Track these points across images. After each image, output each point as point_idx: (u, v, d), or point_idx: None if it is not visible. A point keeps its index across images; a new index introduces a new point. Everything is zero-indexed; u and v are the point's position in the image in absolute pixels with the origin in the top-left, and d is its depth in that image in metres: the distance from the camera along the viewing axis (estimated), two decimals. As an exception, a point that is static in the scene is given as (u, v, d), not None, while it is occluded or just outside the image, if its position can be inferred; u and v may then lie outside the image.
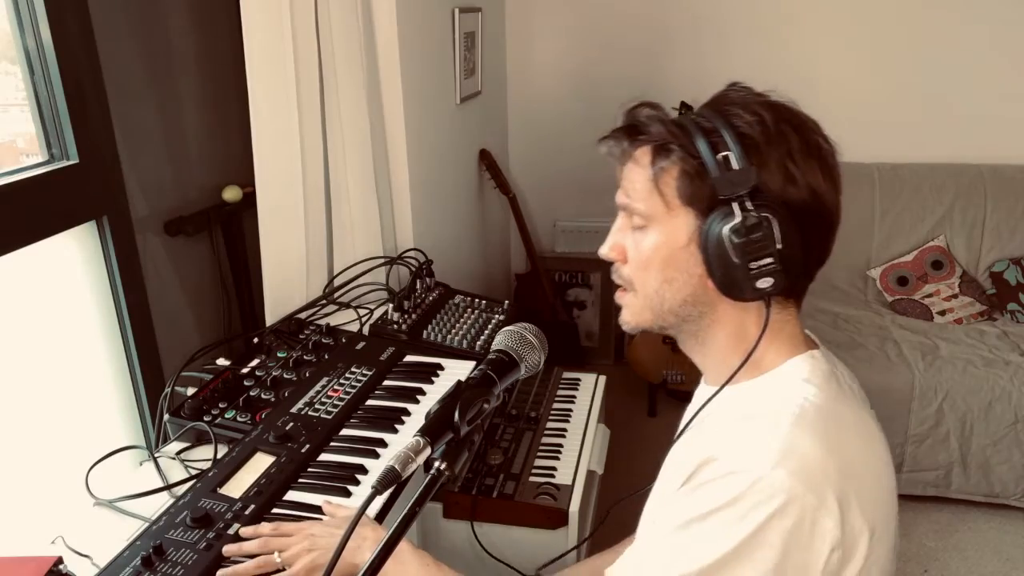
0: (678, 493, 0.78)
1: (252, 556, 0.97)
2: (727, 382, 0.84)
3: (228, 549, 0.97)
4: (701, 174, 0.77)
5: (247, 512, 1.04)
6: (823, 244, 0.81)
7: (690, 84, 3.18)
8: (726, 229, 0.75)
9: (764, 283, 0.76)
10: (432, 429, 0.77)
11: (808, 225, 0.78)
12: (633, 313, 0.88)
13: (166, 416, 1.31)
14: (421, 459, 0.75)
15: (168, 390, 1.38)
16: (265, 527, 1.00)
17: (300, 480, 1.14)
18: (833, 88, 3.00)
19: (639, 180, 0.83)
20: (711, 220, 0.77)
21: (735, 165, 0.75)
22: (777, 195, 0.76)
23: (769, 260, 0.75)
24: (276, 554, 0.96)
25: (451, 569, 0.97)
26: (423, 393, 1.39)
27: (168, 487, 1.17)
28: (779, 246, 0.75)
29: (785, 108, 0.80)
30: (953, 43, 2.91)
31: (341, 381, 1.39)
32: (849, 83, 3.00)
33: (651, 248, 0.83)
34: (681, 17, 3.08)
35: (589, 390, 1.78)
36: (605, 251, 0.89)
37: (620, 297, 0.90)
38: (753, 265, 0.76)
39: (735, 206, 0.75)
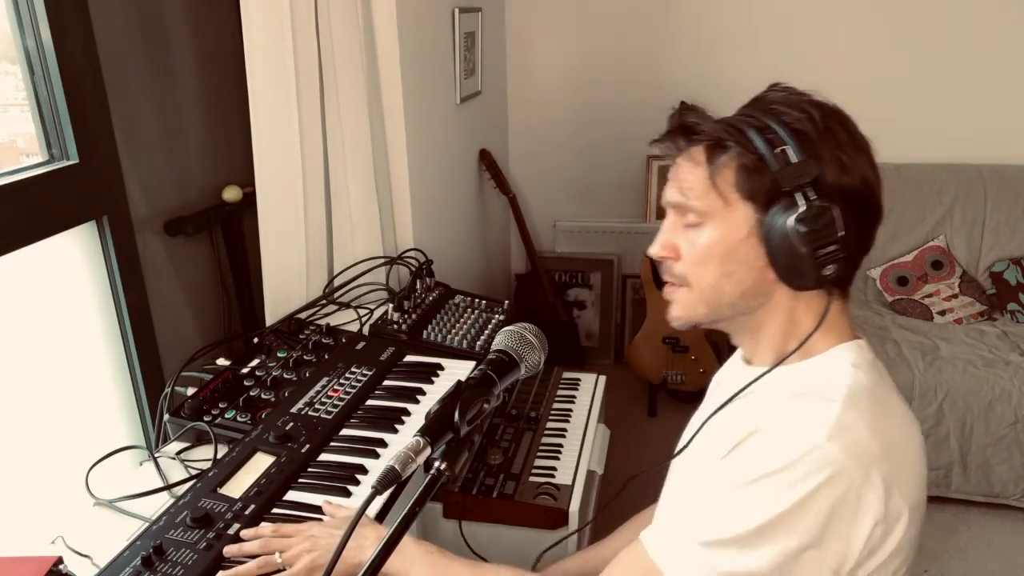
0: (725, 459, 0.80)
1: (253, 557, 0.97)
2: (779, 363, 0.86)
3: (229, 550, 0.97)
4: (761, 168, 0.80)
5: (247, 512, 1.04)
6: (871, 234, 0.85)
7: (690, 84, 3.20)
8: (791, 220, 0.78)
9: (828, 270, 0.79)
10: (432, 429, 0.77)
11: (861, 214, 0.81)
12: (685, 307, 0.89)
13: (166, 416, 1.31)
14: (421, 459, 0.75)
15: (168, 390, 1.38)
16: (266, 528, 1.00)
17: (300, 480, 1.14)
18: (833, 88, 2.97)
19: (695, 178, 0.84)
20: (773, 212, 0.80)
21: (793, 158, 0.78)
22: (834, 185, 0.79)
23: (834, 247, 0.78)
24: (277, 555, 0.96)
25: (456, 556, 0.98)
26: (423, 393, 1.39)
27: (168, 487, 1.17)
28: (841, 233, 0.78)
29: (828, 106, 0.84)
30: (953, 43, 2.91)
31: (341, 381, 1.39)
32: (849, 83, 2.99)
33: (709, 244, 0.84)
34: (681, 17, 3.08)
35: (589, 390, 1.79)
36: (656, 250, 0.90)
37: (671, 293, 0.91)
38: (819, 253, 0.78)
39: (799, 197, 0.78)
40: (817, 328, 0.84)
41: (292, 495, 1.11)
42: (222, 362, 1.46)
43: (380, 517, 1.09)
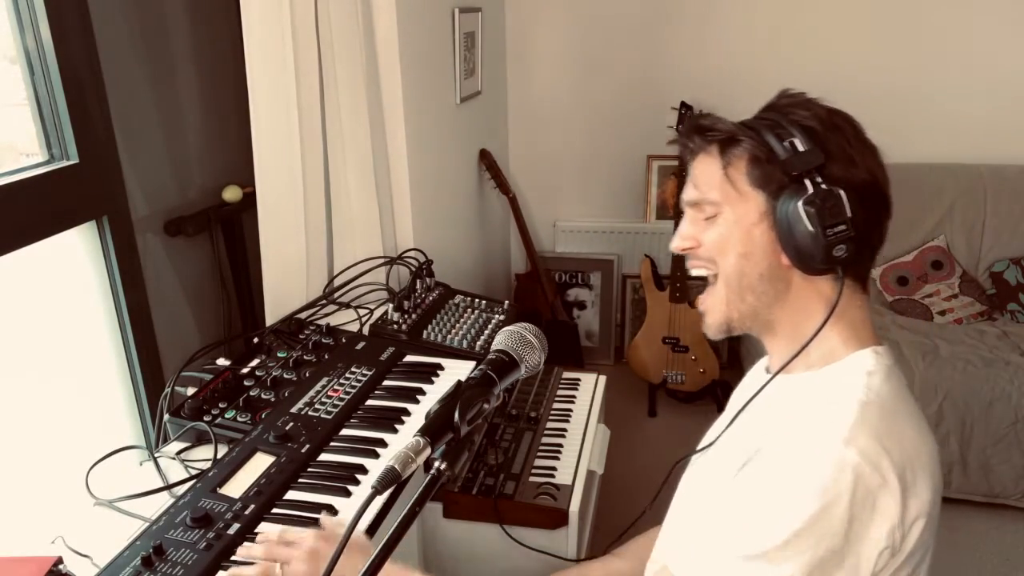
0: (742, 473, 0.82)
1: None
2: (794, 357, 0.88)
3: (239, 552, 0.97)
4: (771, 159, 0.84)
5: (247, 512, 1.04)
6: (882, 227, 0.88)
7: (690, 84, 3.20)
8: (800, 202, 0.81)
9: (839, 251, 0.81)
10: (432, 429, 0.77)
11: (869, 203, 0.84)
12: (718, 305, 0.91)
13: (166, 416, 1.31)
14: (421, 459, 0.75)
15: (168, 390, 1.38)
16: (271, 534, 1.00)
17: (300, 480, 1.14)
18: (833, 88, 2.97)
19: (710, 171, 0.89)
20: (783, 197, 0.83)
21: (801, 148, 0.82)
22: (841, 176, 0.82)
23: (843, 227, 0.81)
24: (279, 566, 0.95)
25: None
26: (423, 393, 1.39)
27: (168, 487, 1.17)
28: (849, 215, 0.81)
29: (836, 109, 0.88)
30: (954, 43, 2.91)
31: (341, 381, 1.39)
32: (849, 83, 2.99)
33: (724, 232, 0.88)
34: (681, 17, 3.08)
35: (589, 390, 1.78)
36: (677, 243, 0.94)
37: (702, 300, 0.94)
38: (829, 232, 0.81)
39: (807, 181, 0.81)
40: (832, 311, 0.85)
41: (292, 495, 1.11)
42: (222, 362, 1.46)
43: (380, 517, 1.09)
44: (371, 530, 1.02)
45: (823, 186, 0.81)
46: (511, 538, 1.39)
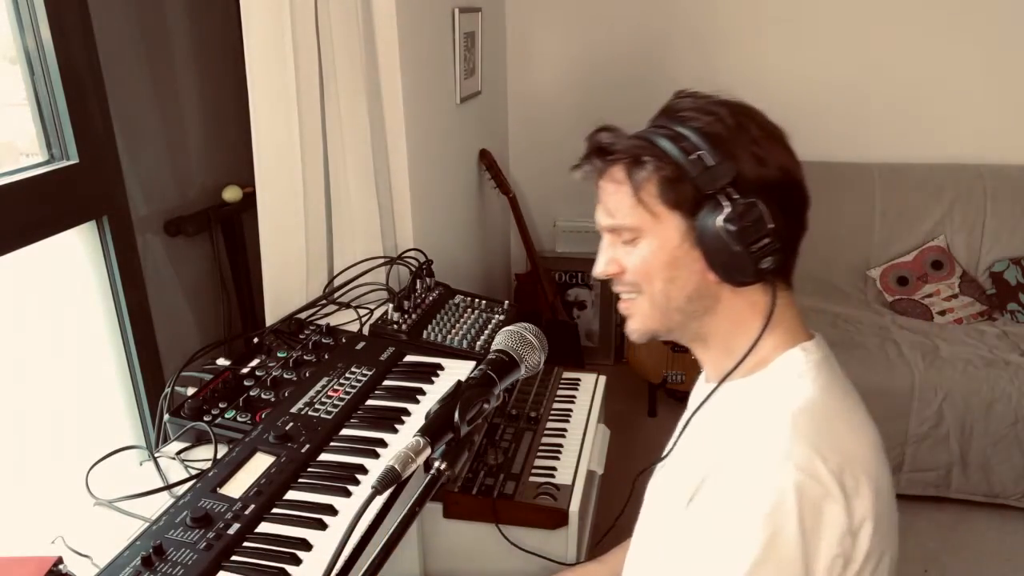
0: (688, 511, 0.81)
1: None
2: (725, 378, 0.87)
3: None
4: (680, 177, 0.81)
5: (247, 512, 1.04)
6: (801, 218, 0.85)
7: (691, 84, 3.19)
8: (720, 220, 0.79)
9: (766, 263, 0.80)
10: (432, 429, 0.77)
11: (786, 201, 0.82)
12: (641, 319, 0.90)
13: (166, 416, 1.31)
14: (421, 459, 0.75)
15: (168, 390, 1.38)
16: None
17: (300, 480, 1.14)
18: (833, 88, 3.00)
19: (620, 197, 0.86)
20: (701, 217, 0.81)
21: (710, 161, 0.79)
22: (754, 180, 0.80)
23: (767, 240, 0.79)
24: None
25: None
26: (423, 393, 1.39)
27: (168, 487, 1.17)
28: (771, 225, 0.79)
29: (735, 102, 0.85)
30: (953, 43, 2.91)
31: (341, 381, 1.39)
32: (849, 83, 3.00)
33: (647, 257, 0.86)
34: (682, 17, 3.08)
35: (589, 390, 1.78)
36: (600, 270, 0.91)
37: (626, 307, 0.92)
38: (753, 248, 0.79)
39: (721, 199, 0.79)
40: (767, 326, 0.84)
41: (292, 495, 1.10)
42: (222, 362, 1.46)
43: (380, 517, 1.09)
44: (371, 530, 1.02)
45: (740, 200, 0.78)
46: (506, 539, 1.39)
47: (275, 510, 1.07)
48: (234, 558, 0.98)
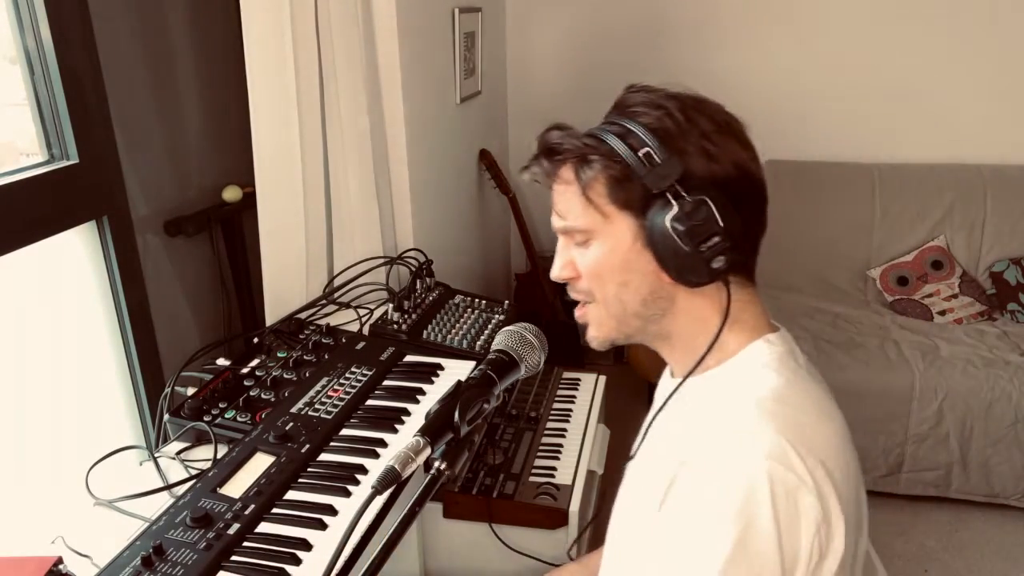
0: (660, 512, 0.78)
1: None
2: (690, 374, 0.86)
3: None
4: (628, 176, 0.79)
5: (247, 512, 1.04)
6: (759, 214, 0.83)
7: (691, 84, 3.19)
8: (668, 220, 0.77)
9: (718, 263, 0.78)
10: (432, 429, 0.77)
11: (740, 198, 0.79)
12: (599, 325, 0.89)
13: (166, 416, 1.31)
14: (421, 459, 0.75)
15: (168, 390, 1.38)
16: None
17: (300, 480, 1.14)
18: (833, 88, 3.00)
19: (570, 198, 0.84)
20: (651, 216, 0.79)
21: (658, 159, 0.77)
22: (705, 177, 0.78)
23: (716, 239, 0.77)
24: None
25: None
26: (423, 393, 1.39)
27: (168, 487, 1.17)
28: (721, 224, 0.77)
29: (687, 96, 0.83)
30: (953, 43, 2.91)
31: (341, 381, 1.39)
32: (849, 83, 3.00)
33: (599, 259, 0.84)
34: (681, 17, 3.08)
35: (589, 390, 1.79)
36: (556, 273, 0.90)
37: (582, 315, 0.90)
38: (703, 248, 0.77)
39: (670, 197, 0.77)
40: (724, 322, 0.83)
41: (292, 495, 1.11)
42: (222, 362, 1.46)
43: (380, 517, 1.09)
44: (371, 530, 1.02)
45: (688, 198, 0.76)
46: (500, 541, 1.39)
47: (275, 510, 1.07)
48: (234, 558, 0.98)
